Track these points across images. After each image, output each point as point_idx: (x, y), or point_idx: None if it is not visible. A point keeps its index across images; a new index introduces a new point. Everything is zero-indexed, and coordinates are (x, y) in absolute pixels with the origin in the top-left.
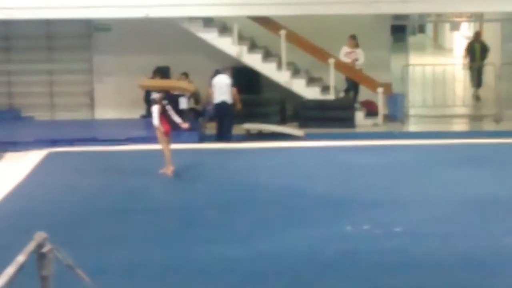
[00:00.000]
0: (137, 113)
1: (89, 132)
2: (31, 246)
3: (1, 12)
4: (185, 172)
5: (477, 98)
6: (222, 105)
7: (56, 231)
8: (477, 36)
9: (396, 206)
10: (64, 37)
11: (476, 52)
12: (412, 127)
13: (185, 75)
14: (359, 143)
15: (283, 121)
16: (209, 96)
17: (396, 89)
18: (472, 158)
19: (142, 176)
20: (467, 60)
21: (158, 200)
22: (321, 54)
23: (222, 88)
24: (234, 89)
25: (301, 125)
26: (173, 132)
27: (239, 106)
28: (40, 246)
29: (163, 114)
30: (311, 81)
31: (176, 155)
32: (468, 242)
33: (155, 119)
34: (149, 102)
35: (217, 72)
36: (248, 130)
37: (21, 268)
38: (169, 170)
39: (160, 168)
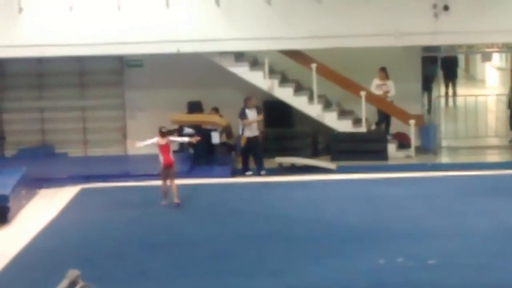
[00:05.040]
0: None
1: (122, 168)
2: (64, 283)
3: (34, 49)
4: (217, 206)
5: None
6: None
7: (89, 266)
8: None
9: (429, 238)
10: (96, 73)
11: None
12: (444, 158)
13: (215, 109)
14: (391, 176)
15: (315, 154)
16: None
17: (428, 120)
18: (506, 189)
19: (175, 210)
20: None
21: (190, 234)
22: (353, 87)
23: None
24: (244, 120)
25: (333, 158)
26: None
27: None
28: (73, 283)
29: (166, 147)
30: (343, 113)
31: (209, 189)
32: (503, 273)
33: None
34: (182, 136)
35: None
36: (280, 164)
37: None
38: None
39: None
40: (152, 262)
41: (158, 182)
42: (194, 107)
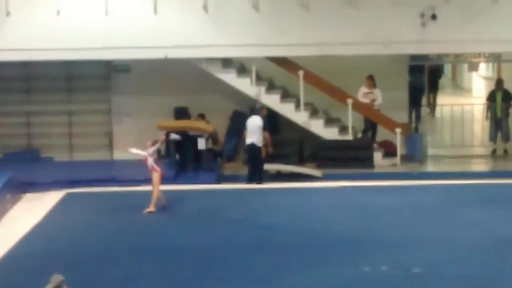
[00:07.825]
0: None
1: (108, 173)
2: None
3: (21, 53)
4: (202, 213)
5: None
6: (251, 147)
7: (73, 271)
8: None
9: (414, 247)
10: (83, 78)
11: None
12: (430, 167)
13: (202, 116)
14: (377, 184)
15: (301, 161)
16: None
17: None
18: (491, 198)
19: (160, 217)
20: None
21: (176, 240)
22: (339, 95)
23: (253, 130)
24: (266, 133)
25: (319, 166)
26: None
27: (270, 149)
28: None
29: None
30: (329, 121)
31: (195, 196)
32: (489, 283)
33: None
34: (168, 143)
35: (251, 112)
36: (266, 171)
37: None
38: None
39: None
40: (139, 268)
41: (144, 188)
42: (181, 113)
